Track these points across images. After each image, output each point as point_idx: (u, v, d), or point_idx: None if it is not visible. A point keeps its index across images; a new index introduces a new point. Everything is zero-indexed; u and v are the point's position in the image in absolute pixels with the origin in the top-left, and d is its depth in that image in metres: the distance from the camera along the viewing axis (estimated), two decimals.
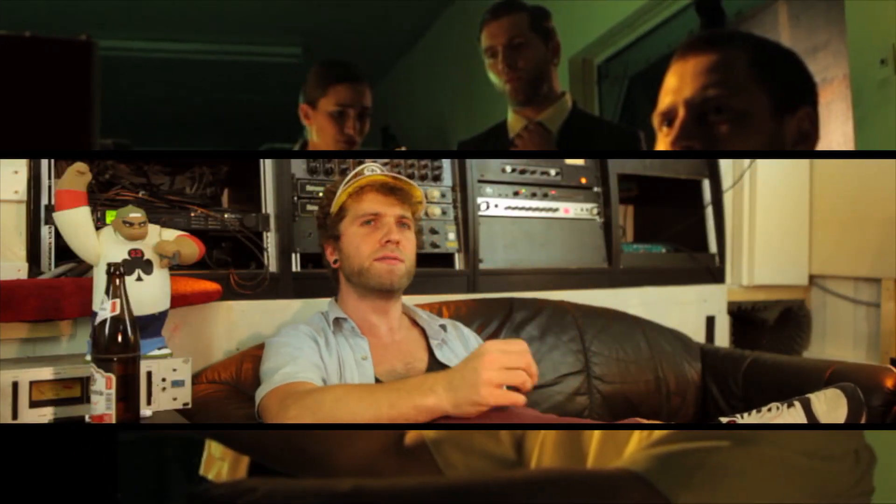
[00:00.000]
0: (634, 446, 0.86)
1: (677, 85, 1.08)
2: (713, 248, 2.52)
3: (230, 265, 1.69)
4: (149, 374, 1.24)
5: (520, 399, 1.06)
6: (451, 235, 1.99)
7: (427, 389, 1.08)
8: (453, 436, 1.11)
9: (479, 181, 2.05)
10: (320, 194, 1.78)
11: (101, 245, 1.24)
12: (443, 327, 1.55)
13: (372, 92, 2.20)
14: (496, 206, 2.08)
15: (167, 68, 4.95)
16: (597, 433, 0.96)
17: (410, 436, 1.14)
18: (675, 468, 0.75)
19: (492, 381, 1.04)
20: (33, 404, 1.16)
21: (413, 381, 1.11)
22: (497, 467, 1.06)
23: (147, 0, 4.00)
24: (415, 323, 1.55)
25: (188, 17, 4.30)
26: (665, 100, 1.10)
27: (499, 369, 1.05)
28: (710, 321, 2.47)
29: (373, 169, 1.48)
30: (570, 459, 0.98)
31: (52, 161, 1.50)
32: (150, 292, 1.26)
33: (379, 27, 4.57)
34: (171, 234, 1.31)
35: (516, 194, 2.12)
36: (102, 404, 1.09)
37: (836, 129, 2.18)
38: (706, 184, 2.51)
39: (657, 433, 0.82)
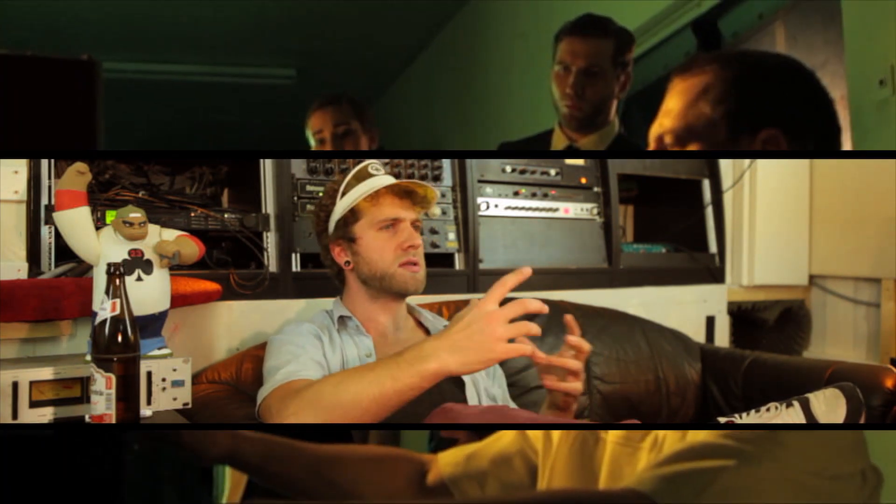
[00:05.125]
0: (643, 466, 0.86)
1: (672, 107, 1.11)
2: (713, 248, 2.52)
3: (230, 265, 1.69)
4: (149, 374, 1.24)
5: (527, 349, 1.09)
6: (451, 235, 1.99)
7: (428, 356, 1.09)
8: (468, 471, 1.13)
9: (479, 181, 2.05)
10: (320, 194, 1.78)
11: (101, 245, 1.24)
12: (446, 328, 1.54)
13: (360, 112, 2.25)
14: (496, 206, 2.08)
15: (162, 89, 4.97)
16: (608, 454, 0.96)
17: (432, 476, 1.17)
18: (682, 488, 0.74)
19: (502, 337, 1.06)
20: (33, 404, 1.17)
21: (409, 351, 1.11)
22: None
23: (140, 22, 4.02)
24: (419, 324, 1.55)
25: (182, 38, 4.32)
26: (664, 122, 1.11)
27: (504, 324, 1.07)
28: (710, 321, 2.47)
29: (377, 167, 1.48)
30: (582, 482, 0.98)
31: (52, 161, 1.50)
32: (150, 292, 1.26)
33: (373, 48, 4.57)
34: (171, 234, 1.31)
35: (516, 194, 2.12)
36: (102, 404, 1.09)
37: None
38: (706, 184, 2.51)
39: (665, 452, 0.81)
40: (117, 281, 1.12)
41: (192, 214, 1.63)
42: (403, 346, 1.46)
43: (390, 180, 1.45)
